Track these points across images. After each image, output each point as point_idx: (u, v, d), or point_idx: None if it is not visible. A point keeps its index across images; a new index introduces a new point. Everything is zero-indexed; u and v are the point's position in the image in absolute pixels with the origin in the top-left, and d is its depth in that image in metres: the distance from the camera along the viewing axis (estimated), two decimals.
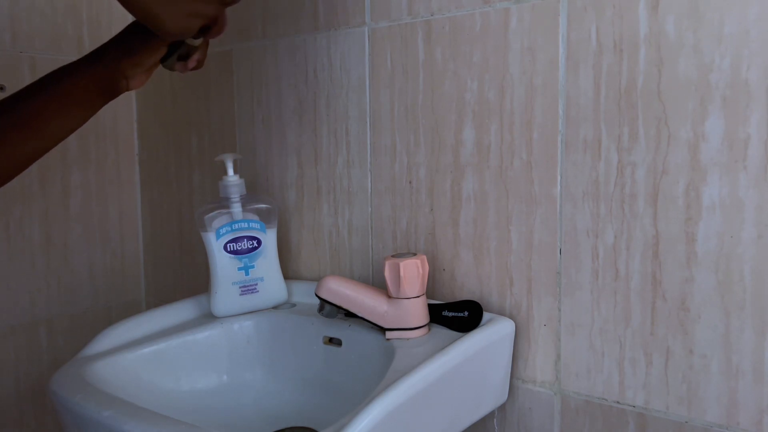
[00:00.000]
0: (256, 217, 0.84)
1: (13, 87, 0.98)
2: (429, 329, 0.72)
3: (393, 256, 0.72)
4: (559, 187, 0.69)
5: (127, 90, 0.66)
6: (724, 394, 0.61)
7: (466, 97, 0.74)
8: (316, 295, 0.75)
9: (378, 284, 0.83)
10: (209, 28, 0.63)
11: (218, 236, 0.82)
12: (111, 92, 0.65)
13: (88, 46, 1.07)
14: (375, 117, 0.83)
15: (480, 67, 0.73)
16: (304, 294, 0.87)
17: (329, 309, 0.75)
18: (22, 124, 0.62)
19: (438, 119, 0.77)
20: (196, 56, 0.67)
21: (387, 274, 0.70)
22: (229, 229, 0.82)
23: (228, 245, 0.82)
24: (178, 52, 0.66)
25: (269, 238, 0.85)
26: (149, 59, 0.64)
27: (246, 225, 0.83)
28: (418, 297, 0.71)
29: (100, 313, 1.11)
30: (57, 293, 1.05)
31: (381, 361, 0.69)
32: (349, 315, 0.74)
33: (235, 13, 0.97)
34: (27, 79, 0.99)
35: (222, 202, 0.83)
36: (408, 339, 0.70)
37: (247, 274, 0.83)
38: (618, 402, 0.67)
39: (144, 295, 1.18)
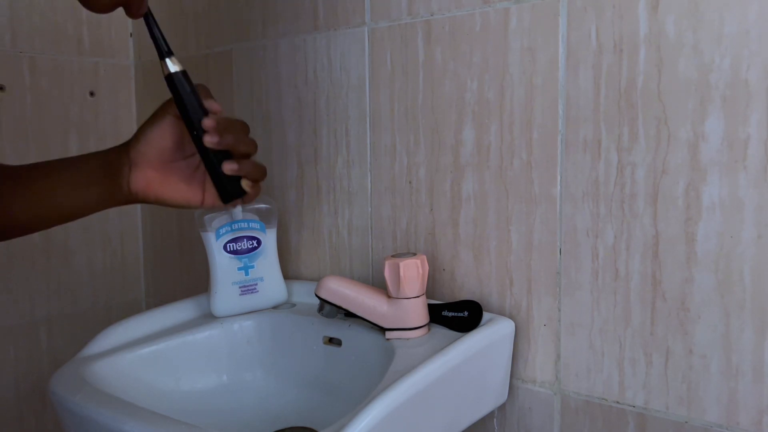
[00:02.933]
0: (255, 217, 0.84)
1: (13, 87, 0.98)
2: (429, 329, 0.72)
3: (393, 256, 0.72)
4: (559, 187, 0.69)
5: (129, 184, 0.60)
6: (723, 394, 0.61)
7: (466, 97, 0.74)
8: (316, 295, 0.75)
9: (378, 284, 0.83)
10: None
11: (218, 236, 0.82)
12: (114, 176, 0.60)
13: (88, 46, 1.07)
14: (375, 117, 0.83)
15: (480, 67, 0.73)
16: (304, 294, 0.87)
17: (329, 309, 0.75)
18: (17, 182, 0.60)
19: (438, 119, 0.77)
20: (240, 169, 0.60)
21: (387, 274, 0.70)
22: (229, 229, 0.82)
23: (228, 245, 0.82)
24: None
25: (269, 238, 0.85)
26: (153, 134, 0.60)
27: (246, 225, 0.83)
28: (417, 297, 0.71)
29: (100, 313, 1.11)
30: (57, 293, 1.05)
31: (381, 361, 0.69)
32: (349, 315, 0.74)
33: (235, 13, 0.97)
34: (27, 79, 1.00)
35: None
36: (408, 339, 0.70)
37: (246, 274, 0.83)
38: (618, 402, 0.67)
39: (144, 295, 1.18)
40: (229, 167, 0.59)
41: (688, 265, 0.62)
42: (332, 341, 0.78)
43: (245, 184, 0.60)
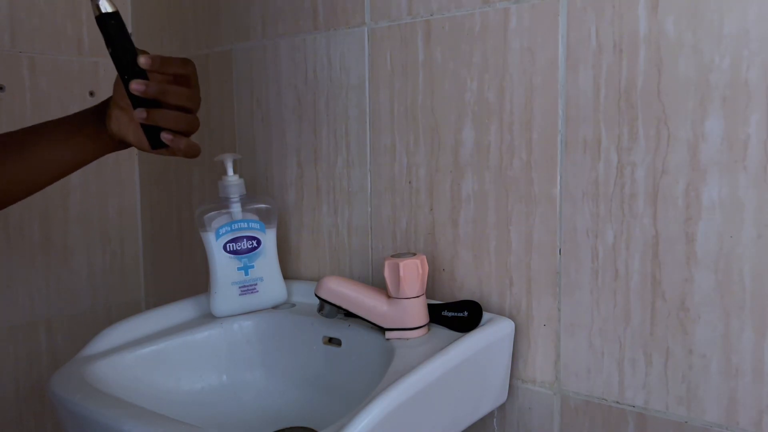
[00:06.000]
0: (255, 217, 0.84)
1: (12, 87, 0.98)
2: (429, 329, 0.72)
3: (393, 256, 0.72)
4: (558, 187, 0.69)
5: (110, 123, 0.63)
6: (723, 394, 0.61)
7: (466, 97, 0.74)
8: (316, 295, 0.75)
9: (377, 284, 0.83)
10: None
11: (218, 236, 0.82)
12: (102, 118, 0.64)
13: (88, 46, 1.07)
14: (375, 117, 0.83)
15: (480, 67, 0.73)
16: (303, 294, 0.87)
17: (329, 309, 0.75)
18: (12, 148, 0.63)
19: (438, 119, 0.77)
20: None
21: (386, 274, 0.70)
22: (229, 229, 0.82)
23: (227, 245, 0.82)
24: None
25: (269, 238, 0.85)
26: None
27: (245, 225, 0.83)
28: (417, 297, 0.71)
29: (100, 313, 1.11)
30: (57, 293, 1.05)
31: (381, 361, 0.69)
32: (349, 315, 0.74)
33: (235, 13, 0.97)
34: (27, 79, 1.00)
35: (222, 202, 0.83)
36: (408, 339, 0.70)
37: (246, 274, 0.83)
38: (618, 402, 0.67)
39: (144, 295, 1.18)
40: (138, 114, 0.57)
41: (687, 265, 0.62)
42: (332, 341, 0.78)
43: (164, 136, 0.59)
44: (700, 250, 0.61)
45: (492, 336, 0.69)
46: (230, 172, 0.83)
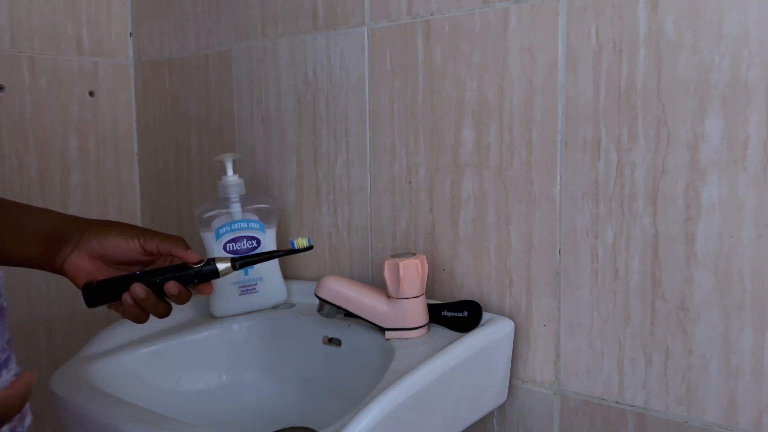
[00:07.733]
0: (255, 217, 0.84)
1: (12, 87, 0.98)
2: (428, 329, 0.72)
3: (392, 256, 0.72)
4: (558, 187, 0.69)
5: (63, 263, 0.62)
6: (723, 394, 0.61)
7: (466, 97, 0.74)
8: (316, 295, 0.75)
9: (377, 284, 0.83)
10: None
11: (218, 236, 0.82)
12: (56, 248, 0.62)
13: (88, 46, 1.07)
14: (374, 117, 0.83)
15: (479, 67, 0.73)
16: (303, 294, 0.87)
17: (329, 309, 0.75)
18: None
19: (437, 119, 0.77)
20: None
21: (386, 274, 0.70)
22: (229, 228, 0.82)
23: (227, 245, 0.82)
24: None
25: (269, 238, 0.85)
26: (113, 241, 0.62)
27: (245, 225, 0.83)
28: (417, 297, 0.71)
29: (100, 313, 1.10)
30: (56, 293, 1.05)
31: (380, 361, 0.69)
32: (349, 315, 0.74)
33: (235, 13, 0.97)
34: (27, 79, 1.00)
35: (221, 202, 0.83)
36: (407, 339, 0.70)
37: (246, 274, 0.83)
38: (617, 402, 0.67)
39: None
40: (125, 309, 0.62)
41: (687, 265, 0.62)
42: (332, 341, 0.78)
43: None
44: (700, 250, 0.61)
45: (492, 336, 0.69)
46: (230, 172, 0.83)
